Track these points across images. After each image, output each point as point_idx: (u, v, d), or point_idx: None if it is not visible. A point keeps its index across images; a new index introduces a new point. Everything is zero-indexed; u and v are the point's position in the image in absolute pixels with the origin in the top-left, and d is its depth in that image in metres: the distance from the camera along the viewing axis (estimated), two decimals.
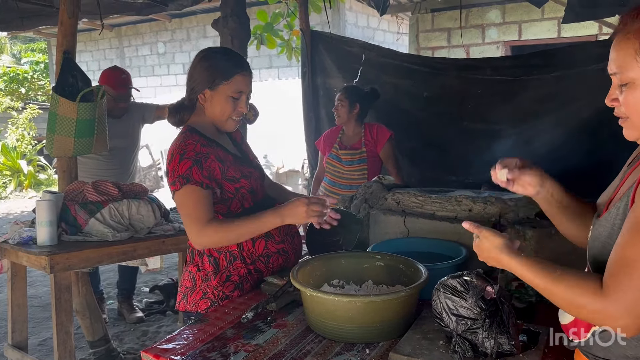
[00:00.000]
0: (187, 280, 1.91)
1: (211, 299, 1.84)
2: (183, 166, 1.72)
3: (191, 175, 1.72)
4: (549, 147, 3.71)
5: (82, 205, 2.71)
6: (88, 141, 3.02)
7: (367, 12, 9.94)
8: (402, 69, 4.23)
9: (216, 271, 1.84)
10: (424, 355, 1.33)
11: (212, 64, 1.84)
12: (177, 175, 1.72)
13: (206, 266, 1.86)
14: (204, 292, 1.85)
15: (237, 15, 3.76)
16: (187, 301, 1.89)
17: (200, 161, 1.75)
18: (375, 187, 2.37)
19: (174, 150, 1.77)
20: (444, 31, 7.46)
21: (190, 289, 1.88)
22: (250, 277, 1.88)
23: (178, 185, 1.72)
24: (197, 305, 1.85)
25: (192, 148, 1.76)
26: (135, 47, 11.98)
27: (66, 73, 3.01)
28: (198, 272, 1.87)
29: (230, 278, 1.85)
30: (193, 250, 1.90)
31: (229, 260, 1.85)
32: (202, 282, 1.86)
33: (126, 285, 4.03)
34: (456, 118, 4.08)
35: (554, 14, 6.56)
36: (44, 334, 3.79)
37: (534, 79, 3.78)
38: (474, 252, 1.87)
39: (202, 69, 1.84)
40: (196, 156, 1.75)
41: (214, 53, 1.91)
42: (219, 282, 1.84)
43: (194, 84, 1.85)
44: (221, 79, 1.82)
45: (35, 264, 2.51)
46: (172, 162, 1.75)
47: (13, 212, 8.91)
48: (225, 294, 1.83)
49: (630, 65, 1.04)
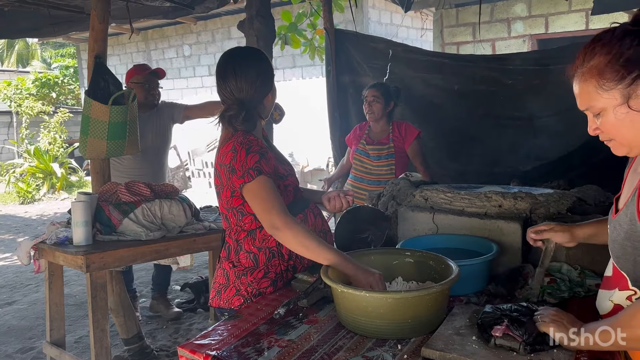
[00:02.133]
0: (220, 277, 1.94)
1: (244, 295, 1.86)
2: (251, 159, 1.76)
3: (262, 166, 1.77)
4: (582, 139, 3.64)
5: (116, 205, 2.78)
6: (120, 143, 3.10)
7: (391, 9, 9.90)
8: (430, 63, 4.21)
9: (254, 267, 1.87)
10: (456, 350, 1.33)
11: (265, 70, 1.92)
12: (247, 167, 1.75)
13: (242, 262, 1.88)
14: (237, 289, 1.88)
15: (262, 16, 3.79)
16: (220, 297, 1.91)
17: (264, 155, 1.80)
18: (402, 184, 2.37)
19: (235, 147, 1.79)
20: (469, 26, 7.38)
21: (224, 285, 1.91)
22: (285, 275, 1.91)
23: (249, 178, 1.75)
24: (231, 302, 1.88)
25: (256, 143, 1.81)
26: (161, 50, 12.17)
27: (98, 77, 3.09)
28: (232, 269, 1.90)
29: (267, 275, 1.87)
30: (229, 246, 1.93)
31: (268, 257, 1.88)
32: (236, 278, 1.88)
33: (161, 281, 4.11)
34: (489, 110, 4.03)
35: (582, 6, 6.44)
36: (80, 332, 3.90)
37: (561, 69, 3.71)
38: (505, 247, 1.88)
39: (265, 70, 1.92)
40: (261, 150, 1.80)
41: (259, 55, 1.98)
42: (255, 278, 1.86)
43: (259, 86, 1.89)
44: (271, 86, 1.95)
45: (71, 263, 2.59)
46: (238, 158, 1.77)
47: (47, 213, 9.16)
48: (259, 290, 1.86)
49: (596, 99, 1.18)
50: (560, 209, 2.00)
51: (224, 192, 1.86)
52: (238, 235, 1.90)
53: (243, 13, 3.90)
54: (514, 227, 1.91)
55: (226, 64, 1.90)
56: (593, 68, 1.16)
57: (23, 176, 11.20)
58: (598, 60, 1.15)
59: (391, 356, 1.37)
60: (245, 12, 3.85)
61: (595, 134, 1.24)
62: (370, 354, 1.39)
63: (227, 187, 1.84)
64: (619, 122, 1.17)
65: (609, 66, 1.14)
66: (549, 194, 2.07)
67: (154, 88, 3.72)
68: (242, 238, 1.90)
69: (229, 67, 1.88)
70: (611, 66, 1.13)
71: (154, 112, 3.71)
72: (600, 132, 1.22)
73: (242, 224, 1.88)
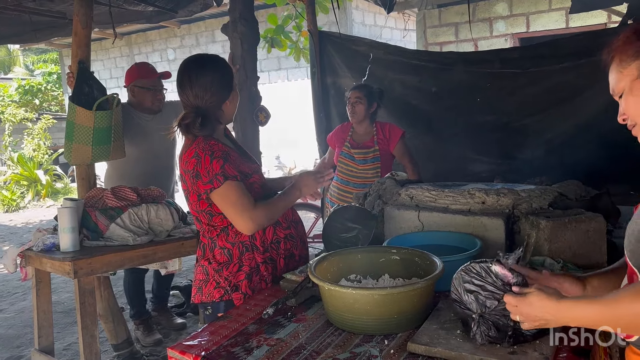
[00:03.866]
0: (200, 274, 2.01)
1: (224, 287, 1.93)
2: (216, 165, 1.83)
3: (226, 172, 1.84)
4: (561, 137, 3.72)
5: (102, 211, 2.77)
6: (105, 148, 3.09)
7: (374, 10, 9.96)
8: (410, 65, 4.25)
9: (229, 262, 1.95)
10: (441, 345, 1.36)
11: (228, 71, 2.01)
12: (214, 174, 1.83)
13: (217, 258, 1.96)
14: (217, 282, 1.95)
15: (245, 19, 3.80)
16: (202, 293, 1.98)
17: (227, 158, 1.87)
18: (388, 183, 2.40)
19: (198, 153, 1.86)
20: (452, 26, 7.46)
21: (204, 281, 1.98)
22: (261, 268, 1.96)
23: (217, 183, 1.83)
24: (212, 295, 1.95)
25: (218, 148, 1.88)
26: (145, 55, 12.10)
27: (82, 82, 3.08)
28: (210, 265, 1.97)
29: (242, 268, 1.95)
30: (204, 245, 2.02)
31: (241, 251, 1.95)
32: (215, 272, 1.96)
33: (162, 293, 3.97)
34: (465, 111, 4.09)
35: (562, 5, 6.53)
36: (68, 339, 3.87)
37: (542, 71, 3.78)
38: (489, 243, 1.92)
39: (221, 77, 1.96)
40: (223, 154, 1.86)
41: (216, 62, 2.02)
42: (231, 272, 1.94)
43: (215, 93, 1.95)
44: (231, 90, 2.00)
45: (59, 269, 2.58)
46: (202, 164, 1.84)
47: (32, 221, 9.07)
48: (236, 283, 1.93)
49: (619, 79, 1.19)
50: (542, 204, 2.03)
51: (191, 196, 1.94)
52: (211, 233, 1.98)
53: (227, 16, 3.89)
54: (497, 223, 1.94)
55: (183, 72, 1.96)
56: (617, 48, 1.18)
57: (7, 184, 11.07)
58: (622, 41, 1.18)
59: (378, 351, 1.39)
60: (229, 15, 3.86)
61: (622, 121, 1.22)
62: (357, 350, 1.41)
63: (193, 192, 1.91)
64: (634, 99, 1.17)
65: (628, 42, 1.16)
66: (531, 189, 2.11)
67: (160, 92, 3.54)
68: (215, 236, 1.97)
69: (185, 75, 1.94)
70: (630, 42, 1.16)
71: (158, 114, 3.55)
72: (626, 117, 1.21)
73: (213, 224, 1.95)
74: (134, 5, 3.93)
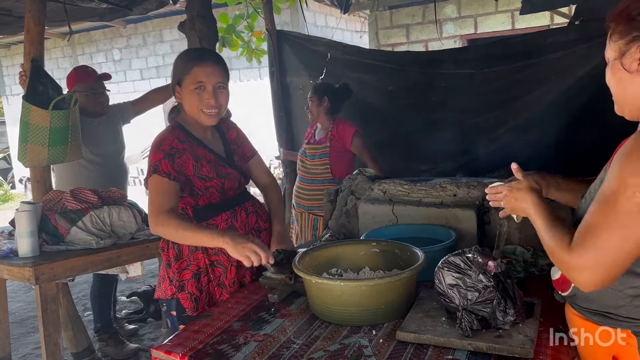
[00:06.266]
0: (161, 269, 2.02)
1: (175, 285, 1.91)
2: (155, 157, 1.84)
3: (160, 166, 1.82)
4: (513, 133, 3.87)
5: (62, 214, 2.66)
6: (62, 149, 2.97)
7: (325, 11, 10.01)
8: (367, 65, 4.31)
9: (178, 257, 1.93)
10: (429, 332, 1.39)
11: (176, 62, 1.97)
12: (150, 165, 1.85)
13: (169, 252, 1.94)
14: (170, 279, 1.93)
15: (203, 17, 3.73)
16: (160, 288, 1.98)
17: (173, 155, 1.85)
18: (360, 178, 2.43)
19: (153, 143, 1.89)
20: (403, 27, 7.61)
21: (162, 277, 1.98)
22: (209, 270, 1.92)
23: (148, 175, 1.85)
24: (166, 292, 1.94)
25: (169, 143, 1.87)
26: (89, 55, 11.67)
27: (35, 81, 2.96)
28: (165, 260, 1.96)
29: (189, 267, 1.92)
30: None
31: (191, 250, 1.92)
32: (167, 268, 1.95)
33: (104, 314, 3.52)
34: (421, 110, 4.18)
35: (508, 7, 6.78)
36: (23, 350, 3.69)
37: (495, 70, 3.92)
38: (462, 233, 1.97)
39: (173, 68, 1.97)
40: (170, 150, 1.86)
41: (182, 52, 2.04)
42: (178, 269, 1.92)
43: (171, 84, 1.99)
44: (182, 74, 1.92)
45: (18, 276, 2.46)
46: (149, 154, 1.88)
47: None
48: (180, 282, 1.91)
49: (608, 47, 1.21)
50: None
51: None
52: None
53: (175, 15, 3.84)
54: (469, 214, 2.01)
55: None
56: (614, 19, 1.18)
57: None
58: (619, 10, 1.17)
59: (367, 341, 1.41)
60: (187, 13, 3.79)
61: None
62: (347, 341, 1.42)
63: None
64: (612, 75, 1.20)
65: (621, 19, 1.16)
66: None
67: (101, 94, 3.42)
68: None
69: None
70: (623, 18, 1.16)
71: (104, 117, 3.45)
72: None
73: None
74: (87, 2, 3.79)
